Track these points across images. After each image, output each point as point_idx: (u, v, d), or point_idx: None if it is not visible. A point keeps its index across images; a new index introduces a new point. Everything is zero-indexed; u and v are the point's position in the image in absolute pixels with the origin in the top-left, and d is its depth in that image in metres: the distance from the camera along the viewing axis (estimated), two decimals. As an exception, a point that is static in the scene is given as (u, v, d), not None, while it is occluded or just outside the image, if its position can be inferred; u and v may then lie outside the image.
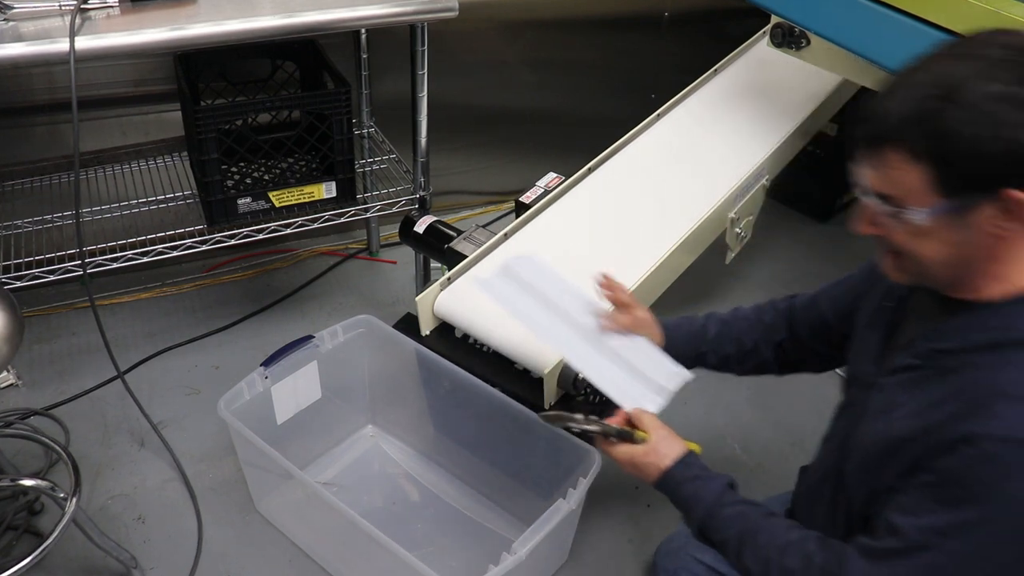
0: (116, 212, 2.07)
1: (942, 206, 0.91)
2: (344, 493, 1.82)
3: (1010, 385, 0.92)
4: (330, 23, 1.75)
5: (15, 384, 2.06)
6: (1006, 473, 0.90)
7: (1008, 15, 1.53)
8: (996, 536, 0.92)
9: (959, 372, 0.97)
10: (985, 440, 0.90)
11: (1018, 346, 0.94)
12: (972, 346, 0.97)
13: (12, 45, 1.53)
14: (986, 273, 0.97)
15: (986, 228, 0.92)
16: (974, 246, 0.94)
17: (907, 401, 1.01)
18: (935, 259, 0.96)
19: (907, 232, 0.96)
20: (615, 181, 2.00)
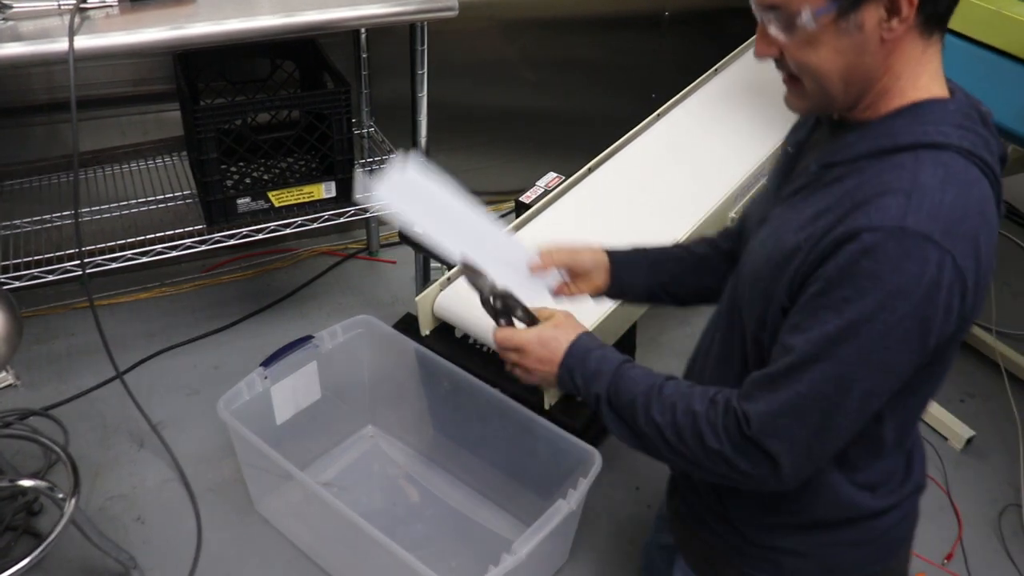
0: (115, 212, 2.07)
1: (828, 5, 0.91)
2: (344, 494, 1.82)
3: (894, 181, 0.90)
4: (330, 22, 1.75)
5: (14, 384, 2.04)
6: (889, 263, 0.88)
7: (1009, 15, 1.53)
8: (887, 332, 0.89)
9: (844, 180, 0.96)
10: (865, 232, 0.89)
11: (903, 150, 0.93)
12: (862, 154, 0.96)
13: (11, 45, 1.53)
14: (883, 89, 0.97)
15: (875, 30, 0.92)
16: (867, 53, 0.94)
17: (794, 216, 1.00)
18: (830, 71, 0.96)
19: (799, 44, 0.95)
20: (615, 181, 2.00)
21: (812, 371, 0.93)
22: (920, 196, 0.89)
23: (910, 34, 0.94)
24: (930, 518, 1.90)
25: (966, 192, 0.91)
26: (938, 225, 0.88)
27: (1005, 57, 1.55)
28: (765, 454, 0.97)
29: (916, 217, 0.88)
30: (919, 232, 0.87)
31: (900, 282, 0.88)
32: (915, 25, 0.93)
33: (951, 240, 0.88)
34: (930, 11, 0.93)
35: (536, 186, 2.03)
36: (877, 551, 1.12)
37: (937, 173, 0.90)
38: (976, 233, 0.90)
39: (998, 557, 1.81)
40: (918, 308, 0.88)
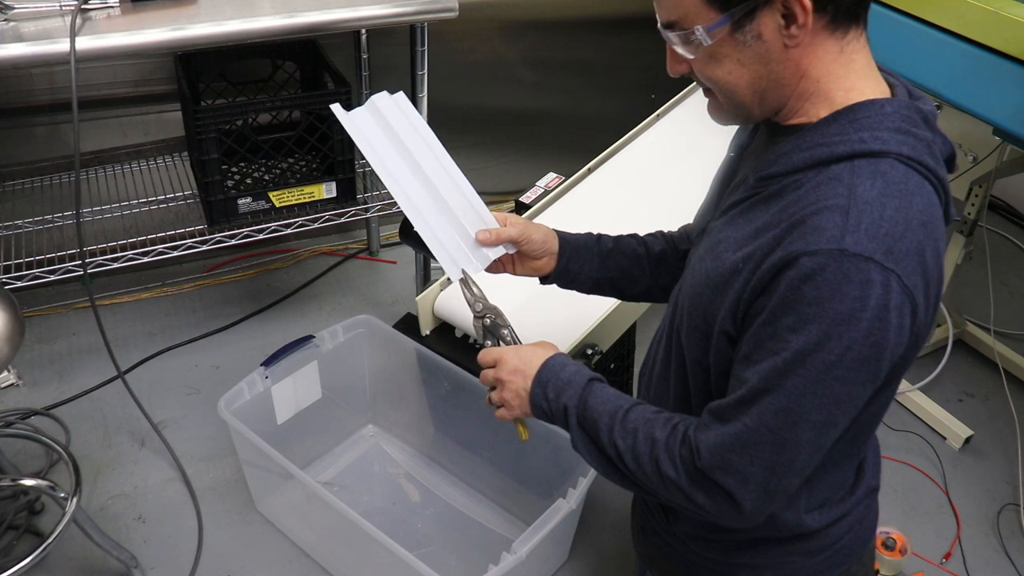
0: (117, 212, 2.08)
1: (720, 20, 0.89)
2: (344, 493, 1.82)
3: (829, 197, 0.87)
4: (330, 23, 1.76)
5: (16, 384, 2.06)
6: (830, 288, 0.83)
7: (1008, 15, 1.53)
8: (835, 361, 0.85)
9: (782, 195, 0.92)
10: (804, 256, 0.84)
11: (837, 160, 0.89)
12: (798, 166, 0.92)
13: (13, 45, 1.53)
14: (805, 93, 0.94)
15: (776, 38, 0.90)
16: (772, 62, 0.91)
17: (733, 233, 0.97)
18: (737, 83, 0.94)
19: (703, 60, 0.94)
20: (615, 181, 2.00)
21: (760, 404, 0.89)
22: (858, 213, 0.85)
23: (819, 36, 0.90)
24: (928, 517, 1.91)
25: (907, 203, 0.87)
26: (879, 244, 0.84)
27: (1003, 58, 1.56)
28: (720, 488, 0.93)
29: (855, 237, 0.83)
30: (859, 254, 0.83)
31: (844, 308, 0.83)
32: (822, 26, 0.89)
33: (894, 259, 0.84)
34: (833, 10, 0.89)
35: (536, 186, 2.04)
36: (834, 556, 1.10)
37: (876, 185, 0.87)
38: (920, 247, 0.86)
39: (996, 556, 1.82)
40: (867, 334, 0.84)
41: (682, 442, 0.97)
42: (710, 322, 0.98)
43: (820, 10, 0.88)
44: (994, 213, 2.79)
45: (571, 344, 1.58)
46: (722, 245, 0.98)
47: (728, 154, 1.12)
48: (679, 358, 1.08)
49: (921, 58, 1.68)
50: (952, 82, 1.65)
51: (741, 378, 0.92)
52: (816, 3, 0.87)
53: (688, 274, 1.06)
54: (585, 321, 1.61)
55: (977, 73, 1.60)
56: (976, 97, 1.63)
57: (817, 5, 0.87)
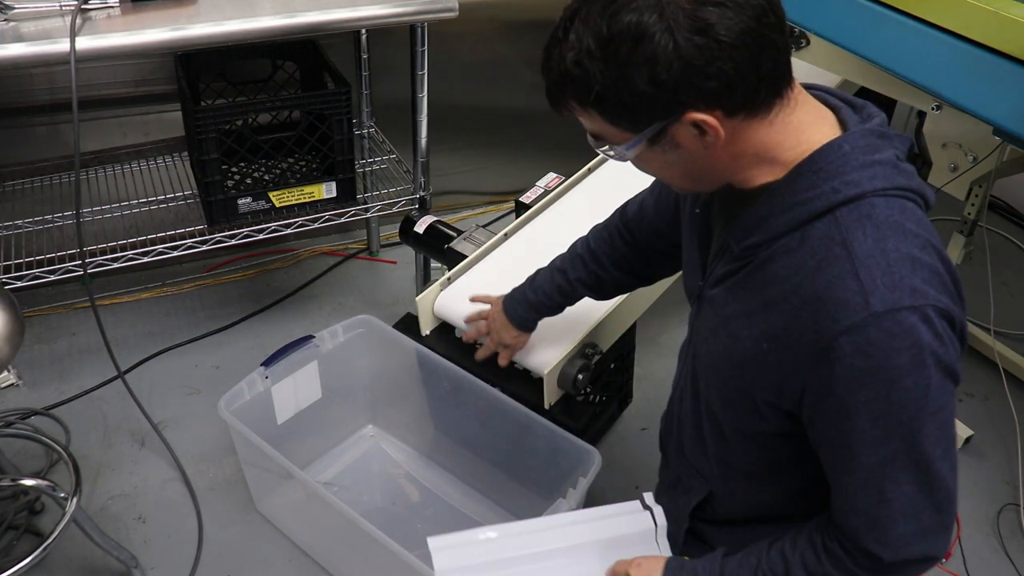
0: (116, 212, 2.07)
1: (632, 141, 0.91)
2: (344, 493, 1.82)
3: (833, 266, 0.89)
4: (330, 23, 1.76)
5: (16, 384, 2.06)
6: (882, 351, 0.87)
7: (1008, 15, 1.53)
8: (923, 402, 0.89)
9: (774, 260, 0.94)
10: (841, 336, 0.87)
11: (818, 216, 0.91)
12: (776, 233, 0.94)
13: (13, 45, 1.53)
14: (746, 166, 0.95)
15: (695, 144, 0.91)
16: (699, 159, 0.93)
17: (739, 307, 0.99)
18: (671, 178, 0.98)
19: (635, 162, 0.97)
20: (615, 181, 2.00)
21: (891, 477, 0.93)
22: (867, 271, 0.87)
23: (741, 127, 0.90)
24: (929, 517, 1.90)
25: (900, 231, 0.89)
26: (901, 292, 0.87)
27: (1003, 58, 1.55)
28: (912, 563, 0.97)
29: (877, 297, 0.86)
30: (889, 309, 0.86)
31: (905, 360, 0.87)
32: (741, 120, 0.90)
33: (920, 294, 0.87)
34: (748, 108, 0.89)
35: (536, 186, 2.04)
36: None
37: (867, 232, 0.89)
38: (930, 265, 0.89)
39: (996, 556, 1.82)
40: (936, 364, 0.89)
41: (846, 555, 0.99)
42: (748, 396, 1.01)
43: (732, 116, 0.89)
44: (994, 213, 2.78)
45: (571, 344, 1.58)
46: (733, 322, 1.00)
47: (693, 211, 1.12)
48: (712, 422, 1.12)
49: (921, 58, 1.68)
50: (952, 82, 1.65)
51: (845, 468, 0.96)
52: (725, 112, 0.88)
53: (702, 342, 1.09)
54: (585, 321, 1.61)
55: (977, 73, 1.60)
56: (976, 97, 1.62)
57: (727, 113, 0.88)
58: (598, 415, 1.85)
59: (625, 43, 0.85)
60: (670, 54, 0.83)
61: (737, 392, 1.03)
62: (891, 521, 0.95)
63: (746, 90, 0.87)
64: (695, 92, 0.86)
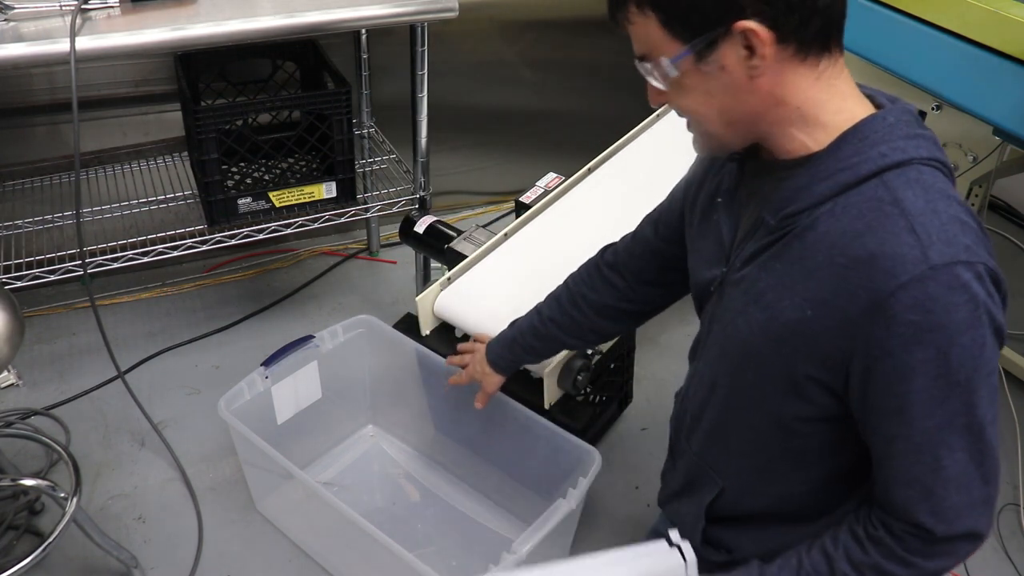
0: (117, 212, 2.07)
1: (684, 51, 0.91)
2: (344, 493, 1.82)
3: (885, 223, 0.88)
4: (331, 23, 1.76)
5: (16, 384, 2.06)
6: (941, 306, 0.86)
7: (1008, 15, 1.53)
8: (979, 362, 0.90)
9: (815, 227, 0.93)
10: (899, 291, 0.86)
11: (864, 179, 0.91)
12: (820, 198, 0.93)
13: (13, 45, 1.53)
14: (786, 121, 0.94)
15: (740, 69, 0.90)
16: (741, 91, 0.92)
17: (775, 280, 0.97)
18: (706, 113, 0.96)
19: (674, 91, 0.96)
20: (615, 181, 2.00)
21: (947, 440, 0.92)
22: (922, 226, 0.87)
23: (789, 64, 0.90)
24: (929, 517, 1.90)
25: (947, 199, 0.90)
26: (956, 247, 0.87)
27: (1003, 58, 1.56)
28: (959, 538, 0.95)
29: (936, 250, 0.86)
30: (948, 262, 0.86)
31: (964, 316, 0.87)
32: (790, 55, 0.90)
33: (971, 252, 0.87)
34: (799, 39, 0.89)
35: (536, 186, 2.04)
36: None
37: (916, 193, 0.89)
38: (977, 228, 0.91)
39: (996, 556, 1.82)
40: (989, 324, 0.89)
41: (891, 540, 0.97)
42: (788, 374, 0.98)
43: (783, 41, 0.88)
44: (994, 213, 2.78)
45: (571, 344, 1.58)
46: (769, 294, 0.97)
47: (714, 202, 1.11)
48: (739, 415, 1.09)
49: (921, 58, 1.68)
50: (952, 82, 1.65)
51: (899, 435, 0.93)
52: (777, 35, 0.87)
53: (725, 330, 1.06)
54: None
55: (977, 73, 1.60)
56: (976, 97, 1.63)
57: (778, 37, 0.88)
58: (598, 415, 1.85)
59: None
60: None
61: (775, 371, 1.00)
62: (944, 491, 0.93)
63: (801, 15, 0.88)
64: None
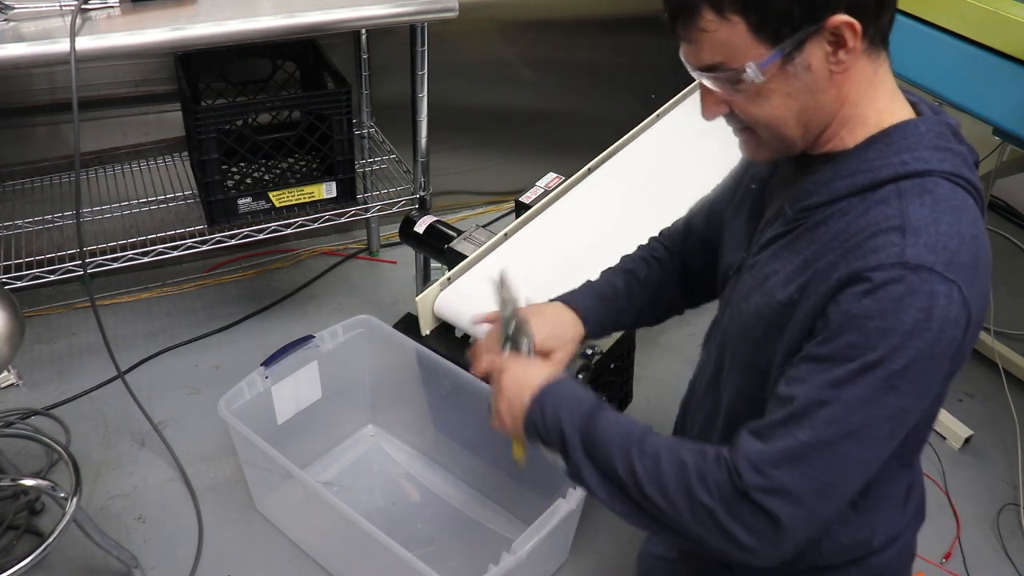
0: (117, 212, 2.08)
1: (772, 54, 0.87)
2: (344, 493, 1.82)
3: (884, 220, 0.87)
4: (331, 23, 1.76)
5: (16, 384, 2.06)
6: (894, 302, 0.83)
7: (1008, 15, 1.54)
8: (898, 374, 0.84)
9: (827, 223, 0.92)
10: (865, 272, 0.84)
11: (881, 184, 0.89)
12: (837, 195, 0.92)
13: (13, 45, 1.54)
14: (843, 118, 0.93)
15: (823, 66, 0.89)
16: (819, 91, 0.90)
17: (780, 267, 0.95)
18: (785, 117, 0.92)
19: (748, 98, 0.92)
20: (615, 181, 2.00)
21: (814, 417, 0.86)
22: (914, 230, 0.85)
23: (859, 60, 0.90)
24: (928, 517, 1.88)
25: (957, 218, 0.87)
26: (939, 256, 0.84)
27: (1003, 58, 1.56)
28: (761, 512, 0.87)
29: (915, 250, 0.84)
30: (921, 264, 0.83)
31: (910, 320, 0.83)
32: (862, 50, 0.89)
33: (954, 270, 0.84)
34: (873, 31, 0.89)
35: (536, 186, 2.04)
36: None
37: (925, 203, 0.87)
38: (975, 259, 0.87)
39: (996, 556, 1.82)
40: (931, 345, 0.84)
41: (717, 464, 0.90)
42: (768, 359, 0.96)
43: (864, 33, 0.88)
44: (994, 213, 2.79)
45: (571, 344, 1.58)
46: (771, 280, 0.96)
47: (749, 186, 1.10)
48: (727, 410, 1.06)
49: (921, 58, 1.68)
50: (952, 82, 1.65)
51: (785, 396, 0.89)
52: (864, 27, 0.87)
53: (732, 313, 1.04)
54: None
55: (977, 73, 1.60)
56: (976, 97, 1.63)
57: (864, 29, 0.87)
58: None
59: None
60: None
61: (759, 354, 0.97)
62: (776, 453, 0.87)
63: (880, 6, 0.88)
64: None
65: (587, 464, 1.00)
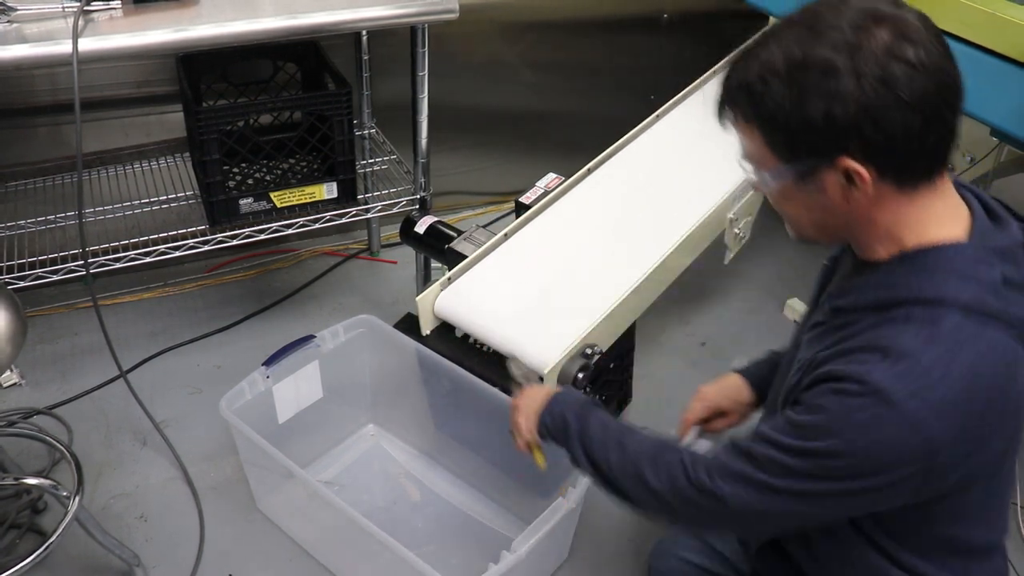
0: (119, 212, 2.08)
1: (782, 170, 0.94)
2: (345, 492, 1.83)
3: (883, 339, 0.92)
4: (331, 24, 1.76)
5: (18, 384, 2.07)
6: (845, 409, 0.91)
7: (1006, 16, 1.54)
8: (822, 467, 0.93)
9: (848, 327, 0.98)
10: (838, 376, 0.92)
11: (897, 305, 0.94)
12: (862, 305, 0.98)
13: (16, 47, 1.54)
14: (874, 235, 0.97)
15: (839, 192, 0.93)
16: (836, 210, 0.95)
17: (807, 356, 1.03)
18: (801, 220, 1.00)
19: (772, 193, 1.00)
20: (615, 181, 2.01)
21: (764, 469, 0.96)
22: (896, 356, 0.89)
23: (885, 191, 0.92)
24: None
25: (953, 352, 0.89)
26: (905, 385, 0.88)
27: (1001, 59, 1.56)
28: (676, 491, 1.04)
29: (883, 376, 0.89)
30: (880, 388, 0.88)
31: (850, 431, 0.90)
32: (889, 186, 0.92)
33: (918, 404, 0.88)
34: (901, 175, 0.91)
35: (536, 186, 2.04)
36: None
37: (921, 333, 0.90)
38: (967, 393, 0.89)
39: (995, 555, 1.82)
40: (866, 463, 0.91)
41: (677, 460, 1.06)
42: None
43: (883, 178, 0.91)
44: (993, 213, 2.79)
45: (571, 344, 1.59)
46: (794, 366, 1.07)
47: (823, 263, 1.18)
48: None
49: (919, 59, 1.68)
50: (950, 83, 1.65)
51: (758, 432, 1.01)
52: (878, 173, 0.90)
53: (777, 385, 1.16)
54: (585, 321, 1.61)
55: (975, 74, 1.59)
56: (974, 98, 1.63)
57: (879, 175, 0.90)
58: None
59: (814, 73, 0.88)
60: (851, 95, 0.86)
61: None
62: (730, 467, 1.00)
63: (905, 155, 0.90)
64: (859, 139, 0.88)
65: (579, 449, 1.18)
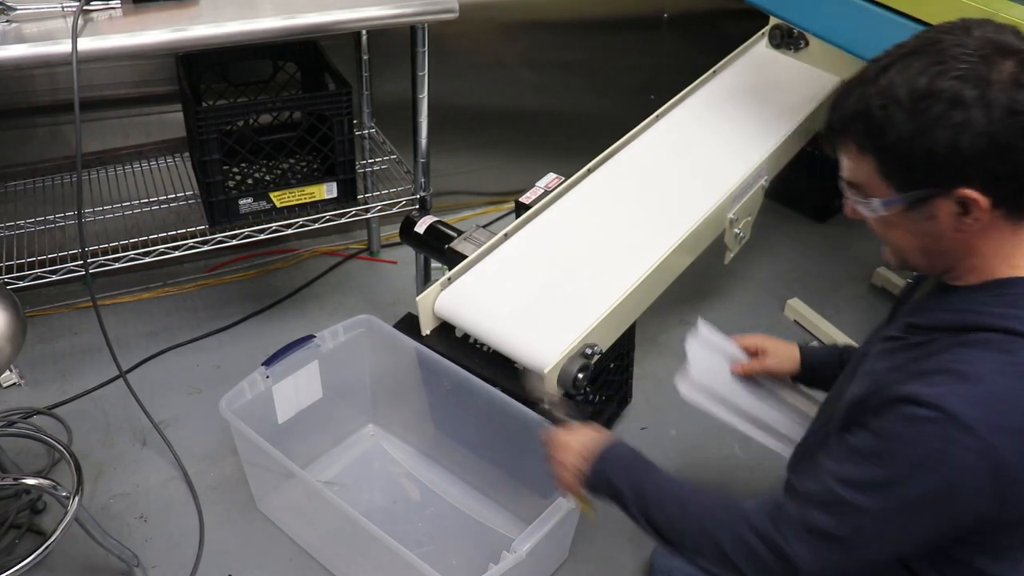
0: (118, 212, 2.08)
1: (895, 198, 0.94)
2: (345, 492, 1.83)
3: (956, 362, 0.92)
4: (331, 24, 1.76)
5: (18, 383, 2.07)
6: (920, 437, 0.90)
7: (1005, 16, 1.54)
8: (901, 497, 0.92)
9: (923, 346, 0.98)
10: (911, 399, 0.91)
11: (975, 329, 0.94)
12: (939, 325, 0.98)
13: (15, 46, 1.54)
14: (970, 264, 0.98)
15: (949, 222, 0.93)
16: (943, 238, 0.95)
17: (878, 369, 1.04)
18: (906, 247, 1.00)
19: (877, 220, 0.99)
20: (615, 181, 2.01)
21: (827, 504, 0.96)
22: (973, 382, 0.89)
23: (995, 222, 0.93)
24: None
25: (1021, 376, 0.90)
26: (978, 413, 0.88)
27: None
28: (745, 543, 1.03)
29: (957, 400, 0.88)
30: (953, 414, 0.88)
31: (924, 458, 0.90)
32: (999, 217, 0.92)
33: (990, 430, 0.88)
34: (1013, 205, 0.92)
35: (536, 186, 2.04)
36: None
37: (996, 361, 0.91)
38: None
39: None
40: (938, 488, 0.90)
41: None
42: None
43: (997, 207, 0.91)
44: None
45: (571, 344, 1.59)
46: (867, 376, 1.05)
47: (907, 280, 1.21)
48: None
49: (919, 59, 1.68)
50: (950, 83, 1.65)
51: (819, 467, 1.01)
52: (994, 201, 0.90)
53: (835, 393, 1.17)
54: (585, 321, 1.61)
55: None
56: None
57: (995, 203, 0.90)
58: (598, 415, 1.86)
59: (940, 103, 0.88)
60: (980, 127, 0.86)
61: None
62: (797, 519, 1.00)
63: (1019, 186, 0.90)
64: (983, 170, 0.88)
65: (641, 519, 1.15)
